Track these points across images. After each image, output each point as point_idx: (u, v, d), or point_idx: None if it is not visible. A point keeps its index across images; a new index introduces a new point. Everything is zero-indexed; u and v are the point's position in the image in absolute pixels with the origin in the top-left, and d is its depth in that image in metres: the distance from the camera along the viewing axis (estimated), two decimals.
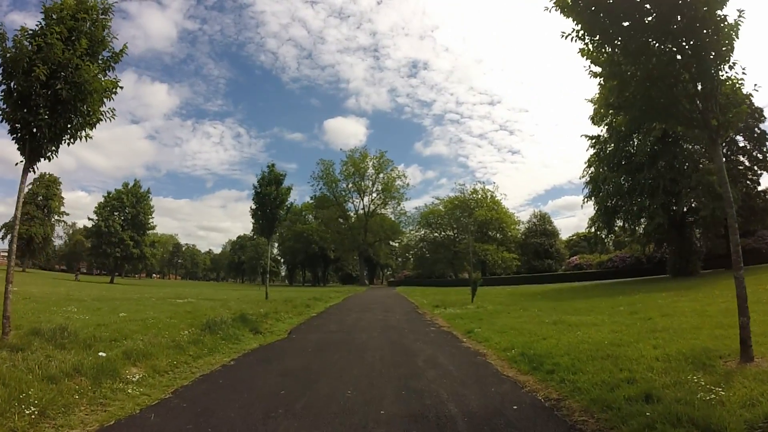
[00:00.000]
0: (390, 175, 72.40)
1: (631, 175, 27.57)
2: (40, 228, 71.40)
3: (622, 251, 45.61)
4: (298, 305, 15.90)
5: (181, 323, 9.44)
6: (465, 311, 13.55)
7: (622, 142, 28.58)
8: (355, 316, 13.12)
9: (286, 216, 18.74)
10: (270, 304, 15.44)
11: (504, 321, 10.31)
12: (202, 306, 14.07)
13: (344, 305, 18.70)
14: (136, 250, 48.54)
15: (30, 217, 69.91)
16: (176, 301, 16.81)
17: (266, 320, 11.34)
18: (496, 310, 13.30)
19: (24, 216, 70.25)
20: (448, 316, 12.55)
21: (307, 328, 10.58)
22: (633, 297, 15.09)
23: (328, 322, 11.85)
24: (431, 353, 6.99)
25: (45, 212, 73.46)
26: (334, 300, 22.01)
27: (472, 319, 11.08)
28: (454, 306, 15.74)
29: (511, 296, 21.67)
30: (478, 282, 17.82)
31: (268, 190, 18.10)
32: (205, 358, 6.76)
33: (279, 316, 12.45)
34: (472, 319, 11.11)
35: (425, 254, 71.94)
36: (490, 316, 11.77)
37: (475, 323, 10.26)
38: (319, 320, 12.40)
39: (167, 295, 21.70)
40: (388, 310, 15.37)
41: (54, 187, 74.27)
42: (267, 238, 18.58)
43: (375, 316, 13.25)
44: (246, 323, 10.05)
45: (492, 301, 18.15)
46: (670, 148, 25.68)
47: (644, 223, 28.55)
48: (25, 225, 68.81)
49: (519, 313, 12.04)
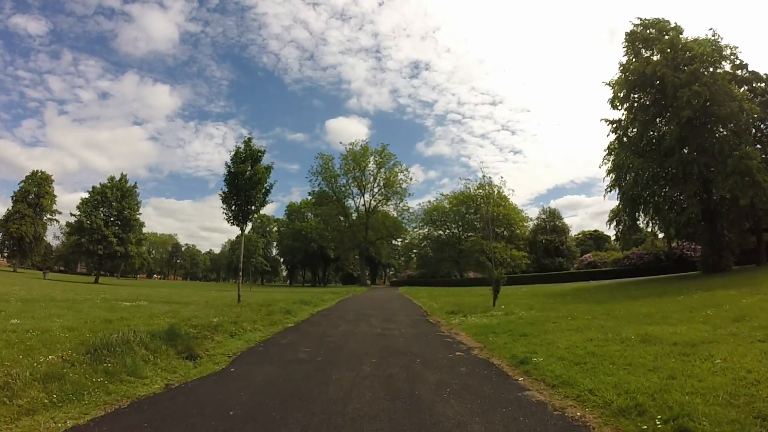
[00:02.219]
0: (392, 170, 68.66)
1: (657, 162, 24.41)
2: (31, 227, 68.79)
3: (638, 248, 42.42)
4: (276, 311, 12.48)
5: (75, 340, 6.18)
6: (492, 320, 10.06)
7: (648, 126, 25.48)
8: (345, 329, 9.61)
9: (264, 201, 15.26)
10: (237, 310, 12.00)
11: (562, 338, 6.84)
12: (144, 312, 10.65)
13: (336, 311, 15.20)
14: (121, 248, 45.24)
15: (21, 215, 67.38)
16: (124, 304, 13.43)
17: (215, 335, 7.93)
18: (533, 319, 9.81)
19: (14, 214, 67.67)
20: (473, 328, 9.03)
21: (265, 352, 7.07)
22: (693, 297, 12.51)
23: (303, 339, 8.32)
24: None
25: (36, 211, 70.85)
26: (326, 303, 18.53)
27: (512, 335, 7.61)
28: (473, 312, 12.27)
29: (534, 297, 18.17)
30: (500, 281, 14.32)
31: (242, 167, 14.70)
32: (37, 416, 3.43)
33: (239, 328, 9.02)
34: (511, 335, 7.63)
35: (429, 253, 68.52)
36: (532, 328, 8.27)
37: (519, 343, 6.80)
38: (292, 335, 8.87)
39: (130, 296, 18.30)
40: (389, 319, 11.84)
41: (46, 185, 71.78)
42: (240, 228, 15.08)
43: (372, 328, 9.74)
44: (174, 342, 6.67)
45: (517, 304, 14.71)
46: (699, 131, 22.82)
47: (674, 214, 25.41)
48: (16, 223, 66.24)
49: (570, 323, 8.59)
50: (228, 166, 15.18)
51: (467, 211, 64.47)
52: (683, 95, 21.84)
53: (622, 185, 27.18)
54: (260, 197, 14.79)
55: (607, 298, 15.54)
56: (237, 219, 14.85)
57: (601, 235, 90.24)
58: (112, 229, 45.17)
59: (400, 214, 71.02)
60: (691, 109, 21.69)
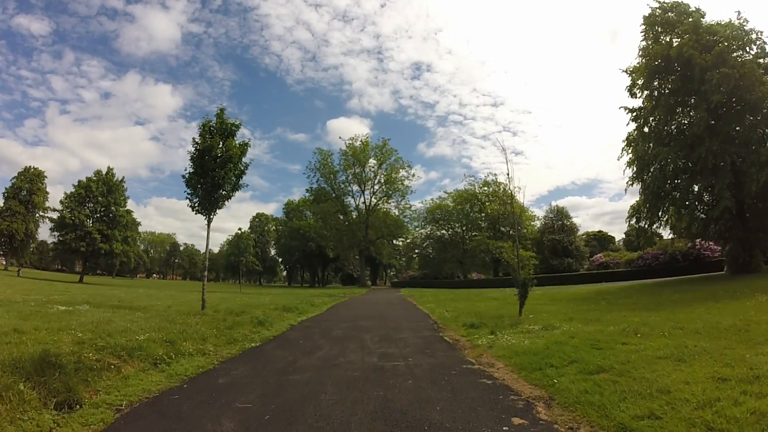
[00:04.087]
0: (393, 166, 65.62)
1: (684, 152, 21.95)
2: (22, 224, 66.32)
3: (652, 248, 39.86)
4: (245, 322, 9.69)
5: None
6: (535, 340, 7.22)
7: (672, 113, 23.22)
8: (324, 356, 6.76)
9: (238, 184, 12.40)
10: (193, 320, 9.19)
11: (665, 376, 4.18)
12: (67, 320, 7.85)
13: (323, 321, 12.27)
14: (105, 245, 42.50)
15: (12, 212, 64.97)
16: (56, 308, 10.63)
17: (126, 364, 5.27)
18: (588, 337, 7.04)
19: (5, 211, 65.25)
20: (514, 355, 6.09)
21: (178, 403, 4.32)
22: (746, 303, 10.24)
23: (255, 374, 5.52)
24: None
25: (28, 208, 68.43)
26: (315, 309, 15.65)
27: (582, 371, 4.83)
28: (500, 325, 9.45)
29: (558, 302, 15.32)
30: (529, 283, 11.49)
31: (211, 142, 11.91)
32: None
33: (173, 350, 6.24)
34: (581, 370, 4.86)
35: (431, 253, 65.60)
36: (602, 356, 5.54)
37: (607, 389, 4.07)
38: (243, 366, 6.03)
39: (84, 298, 15.43)
40: (390, 336, 8.89)
41: (38, 181, 69.59)
42: (206, 217, 12.22)
43: (364, 355, 6.84)
44: (45, 377, 4.01)
45: (546, 312, 12.04)
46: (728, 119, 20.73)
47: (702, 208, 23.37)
48: (6, 221, 63.81)
49: (647, 344, 6.05)
50: (195, 142, 12.37)
51: (472, 210, 61.63)
52: (712, 78, 19.73)
53: (644, 178, 24.86)
54: (232, 179, 11.94)
55: (652, 304, 12.71)
56: (203, 206, 12.01)
57: (606, 235, 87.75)
58: (96, 226, 42.48)
59: (401, 213, 68.11)
60: (721, 93, 19.69)
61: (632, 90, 25.43)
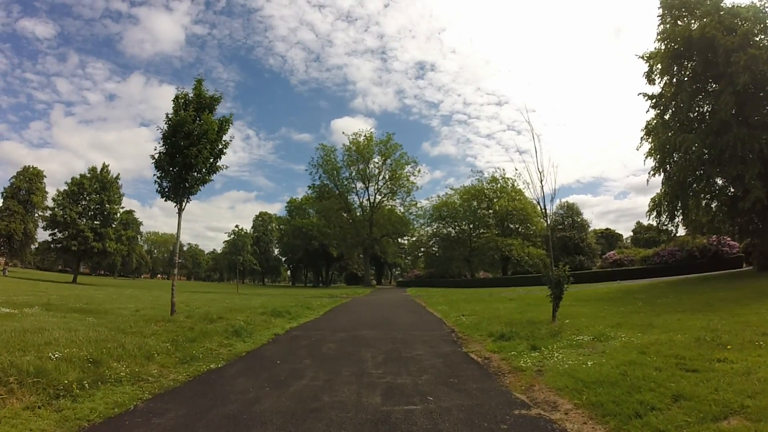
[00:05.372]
0: (398, 162, 63.42)
1: (711, 139, 20.01)
2: (21, 224, 65.13)
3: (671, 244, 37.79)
4: (217, 332, 7.77)
5: None
6: (598, 360, 5.22)
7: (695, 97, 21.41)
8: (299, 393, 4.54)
9: (215, 166, 10.46)
10: (150, 329, 7.28)
11: None
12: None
13: (317, 329, 10.20)
14: (98, 243, 40.88)
15: (10, 212, 63.86)
16: (1, 310, 8.78)
17: (11, 398, 3.22)
18: (658, 349, 5.10)
19: (4, 211, 64.08)
20: (579, 387, 4.09)
21: None
22: None
23: (185, 428, 3.42)
24: None
25: (27, 207, 67.26)
26: (311, 314, 13.62)
27: (701, 417, 2.94)
28: (536, 334, 7.44)
29: (586, 303, 13.16)
30: (564, 281, 9.48)
31: (184, 116, 10.01)
32: None
33: (94, 376, 4.37)
34: (698, 416, 2.95)
35: (438, 251, 63.45)
36: (699, 378, 3.63)
37: None
38: (177, 408, 3.98)
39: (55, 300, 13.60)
40: (399, 355, 6.70)
41: (37, 180, 68.37)
42: (177, 204, 10.28)
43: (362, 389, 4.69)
44: None
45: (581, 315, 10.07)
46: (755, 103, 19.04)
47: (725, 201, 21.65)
48: (5, 221, 62.67)
49: (744, 357, 4.17)
50: (168, 118, 10.45)
51: (479, 206, 59.44)
52: (739, 59, 17.97)
53: (667, 168, 22.95)
54: (207, 158, 9.99)
55: (700, 304, 10.61)
56: (174, 191, 10.09)
57: (614, 233, 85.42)
58: (89, 224, 40.87)
59: (407, 210, 65.93)
60: (748, 75, 17.88)
61: (650, 76, 23.62)
